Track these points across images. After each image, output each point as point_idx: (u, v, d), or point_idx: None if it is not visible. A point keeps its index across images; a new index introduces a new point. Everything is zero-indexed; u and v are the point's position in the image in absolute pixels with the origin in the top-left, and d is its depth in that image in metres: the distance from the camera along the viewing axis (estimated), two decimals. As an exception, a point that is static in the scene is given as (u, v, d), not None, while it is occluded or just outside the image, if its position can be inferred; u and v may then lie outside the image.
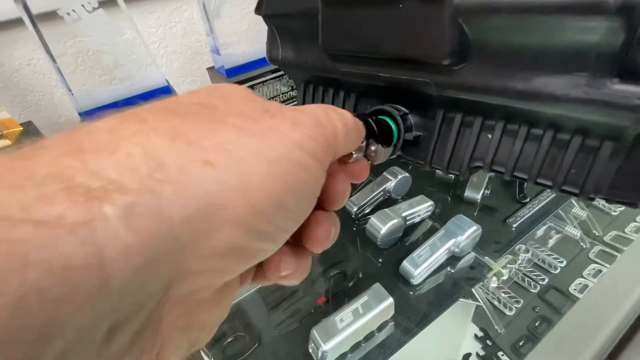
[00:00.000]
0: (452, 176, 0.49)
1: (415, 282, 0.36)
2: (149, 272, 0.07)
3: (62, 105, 0.63)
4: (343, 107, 0.23)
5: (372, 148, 0.14)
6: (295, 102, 0.64)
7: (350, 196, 0.46)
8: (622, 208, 0.73)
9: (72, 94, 0.40)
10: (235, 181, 0.09)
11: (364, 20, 0.16)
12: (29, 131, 0.47)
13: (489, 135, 0.15)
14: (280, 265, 0.12)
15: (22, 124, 0.46)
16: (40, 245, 0.06)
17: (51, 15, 0.40)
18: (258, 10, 0.22)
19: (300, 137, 0.10)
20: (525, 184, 0.46)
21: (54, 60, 0.38)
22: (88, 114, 0.43)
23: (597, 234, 0.74)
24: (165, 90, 0.48)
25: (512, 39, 0.12)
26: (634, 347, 0.41)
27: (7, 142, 0.41)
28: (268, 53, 0.24)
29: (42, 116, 0.62)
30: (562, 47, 0.11)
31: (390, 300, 0.33)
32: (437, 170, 0.51)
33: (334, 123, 0.12)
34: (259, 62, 0.54)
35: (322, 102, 0.22)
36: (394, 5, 0.14)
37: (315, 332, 0.31)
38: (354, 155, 0.14)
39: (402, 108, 0.17)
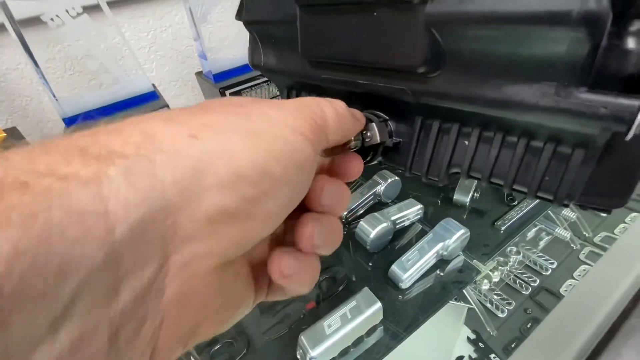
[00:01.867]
0: (442, 179, 0.49)
1: (404, 285, 0.36)
2: (146, 228, 0.09)
3: (50, 110, 0.62)
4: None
5: (369, 134, 0.15)
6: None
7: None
8: (612, 209, 0.74)
9: (56, 100, 0.39)
10: (217, 149, 0.10)
11: (340, 27, 0.16)
12: (13, 137, 0.46)
13: (466, 142, 0.15)
14: (281, 263, 0.13)
15: (5, 130, 0.46)
16: (61, 193, 0.08)
17: (36, 21, 0.40)
18: (238, 15, 0.22)
19: (282, 115, 0.12)
20: (514, 186, 0.47)
21: (36, 65, 0.37)
22: (73, 120, 0.43)
23: (586, 235, 0.75)
24: (152, 96, 0.47)
25: (482, 47, 0.12)
26: (617, 343, 0.41)
27: (-11, 148, 0.40)
28: (250, 59, 0.24)
29: (29, 121, 0.61)
30: (531, 57, 0.11)
31: (379, 304, 0.32)
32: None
33: (322, 107, 0.13)
34: (245, 68, 0.54)
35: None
36: (367, 13, 0.14)
37: (303, 338, 0.31)
38: (353, 142, 0.15)
39: (382, 114, 0.17)
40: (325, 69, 0.18)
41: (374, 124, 0.16)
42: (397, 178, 0.47)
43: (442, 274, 0.39)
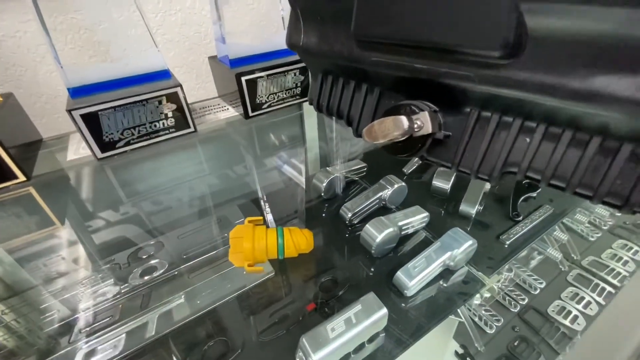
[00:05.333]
0: (448, 190, 0.49)
1: (409, 293, 0.35)
2: None
3: (45, 84, 0.59)
4: (364, 102, 0.22)
5: (419, 123, 0.14)
6: (289, 103, 0.63)
7: (345, 202, 0.45)
8: (599, 234, 0.76)
9: (62, 68, 0.37)
10: None
11: (407, 3, 0.15)
12: (10, 102, 0.43)
13: (527, 139, 0.14)
14: None
15: (2, 95, 0.43)
16: None
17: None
18: (284, -10, 0.21)
19: None
20: (519, 201, 0.47)
21: (47, 33, 0.35)
22: (78, 91, 0.40)
23: (575, 257, 0.77)
24: (164, 74, 0.45)
25: (577, 31, 0.11)
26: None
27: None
28: (288, 38, 0.22)
29: (22, 92, 0.58)
30: (633, 43, 0.10)
31: (385, 310, 0.31)
32: (433, 183, 0.50)
33: None
34: (262, 57, 0.53)
35: (342, 95, 0.20)
36: None
37: (304, 341, 0.29)
38: (400, 133, 0.14)
39: (432, 105, 0.16)
40: (377, 50, 0.17)
41: (426, 112, 0.15)
42: (403, 184, 0.46)
43: (445, 284, 0.38)
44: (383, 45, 0.16)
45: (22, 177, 0.43)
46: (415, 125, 0.15)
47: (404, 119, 0.14)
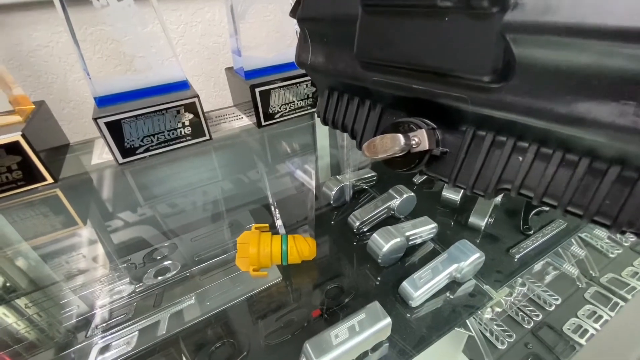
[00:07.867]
0: (458, 201, 0.48)
1: (414, 304, 0.36)
2: None
3: (73, 90, 0.63)
4: (367, 117, 0.23)
5: (416, 140, 0.15)
6: (301, 113, 0.64)
7: (354, 210, 0.46)
8: (620, 251, 0.73)
9: (90, 78, 0.39)
10: None
11: (404, 30, 0.16)
12: (41, 110, 0.46)
13: (520, 158, 0.15)
14: None
15: (34, 102, 0.46)
16: None
17: (76, 1, 0.41)
18: (293, 13, 0.22)
19: None
20: (531, 215, 0.46)
21: (77, 45, 0.38)
22: (103, 100, 0.43)
23: (593, 274, 0.74)
24: (183, 85, 0.48)
25: (559, 61, 0.12)
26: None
27: (17, 118, 0.40)
28: (297, 56, 0.24)
29: (52, 99, 0.62)
30: (613, 73, 0.11)
31: (388, 320, 0.32)
32: (442, 194, 0.51)
33: None
34: (276, 68, 0.55)
35: (346, 110, 0.21)
36: (439, 18, 0.14)
37: (308, 346, 0.30)
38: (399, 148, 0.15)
39: (430, 122, 0.17)
40: (378, 71, 0.18)
41: (423, 130, 0.15)
42: (412, 194, 0.46)
43: (452, 296, 0.38)
44: (383, 67, 0.17)
45: (50, 179, 0.45)
46: (413, 142, 0.16)
47: (400, 136, 0.15)
